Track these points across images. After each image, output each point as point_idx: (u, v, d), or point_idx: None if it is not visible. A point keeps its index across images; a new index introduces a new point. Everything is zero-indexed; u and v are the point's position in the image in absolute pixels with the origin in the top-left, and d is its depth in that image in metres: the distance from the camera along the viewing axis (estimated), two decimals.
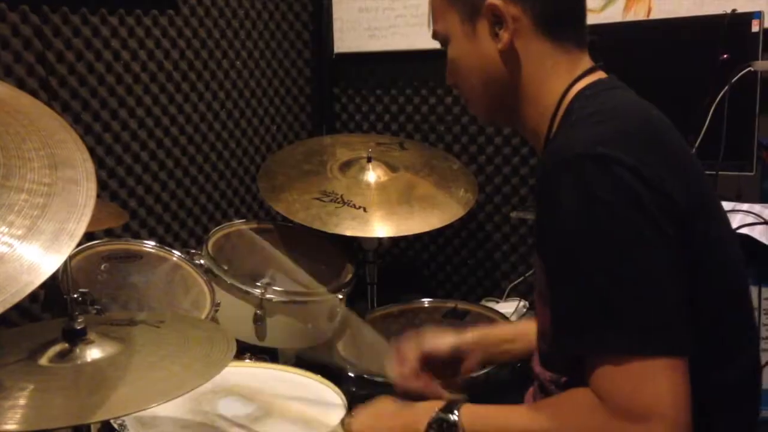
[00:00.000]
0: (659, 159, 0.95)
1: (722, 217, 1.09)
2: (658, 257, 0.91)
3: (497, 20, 1.07)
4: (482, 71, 1.12)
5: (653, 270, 0.91)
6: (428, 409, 1.08)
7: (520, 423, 1.02)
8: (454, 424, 1.04)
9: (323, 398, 1.44)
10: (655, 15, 2.13)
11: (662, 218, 0.91)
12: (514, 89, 1.11)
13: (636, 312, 0.91)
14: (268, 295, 1.96)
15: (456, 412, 1.05)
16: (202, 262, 1.99)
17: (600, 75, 1.11)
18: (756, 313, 1.57)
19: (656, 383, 0.89)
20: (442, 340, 1.37)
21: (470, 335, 1.38)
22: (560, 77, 1.09)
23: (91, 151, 2.19)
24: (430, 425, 1.06)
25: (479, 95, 1.16)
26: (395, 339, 1.42)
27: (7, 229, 0.90)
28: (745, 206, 1.72)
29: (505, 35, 1.07)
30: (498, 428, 1.04)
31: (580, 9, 1.12)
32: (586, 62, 1.11)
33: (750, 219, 1.64)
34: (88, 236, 1.98)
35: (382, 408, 1.19)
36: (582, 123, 1.01)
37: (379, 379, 1.72)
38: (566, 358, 1.05)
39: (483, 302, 2.39)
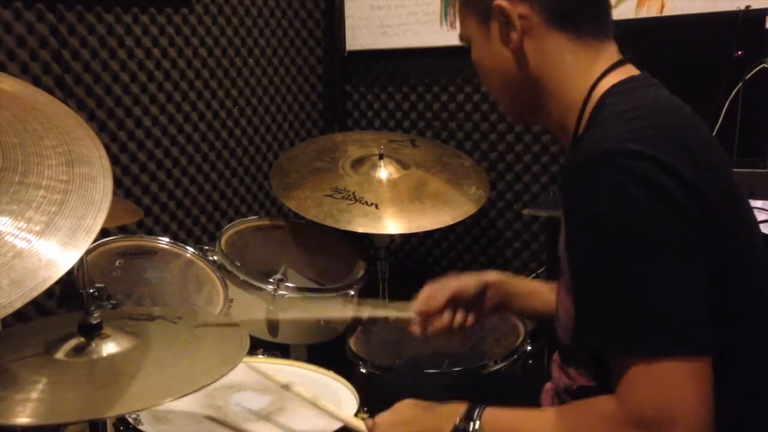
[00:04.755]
0: (691, 157, 0.93)
1: (751, 216, 1.08)
2: (687, 256, 0.90)
3: (507, 21, 1.07)
4: (500, 71, 1.12)
5: (681, 270, 0.90)
6: (451, 415, 1.09)
7: (541, 430, 1.02)
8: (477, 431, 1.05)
9: (335, 393, 1.45)
10: (668, 12, 2.12)
11: (694, 215, 0.90)
12: (534, 87, 1.10)
13: (662, 312, 0.90)
14: (280, 291, 1.97)
15: (478, 418, 1.06)
16: (215, 258, 2.01)
17: (631, 70, 1.09)
18: None
19: (679, 388, 0.89)
20: (469, 279, 1.41)
21: (494, 275, 1.42)
22: (583, 71, 1.07)
23: (106, 149, 2.22)
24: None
25: (502, 94, 1.17)
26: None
27: (25, 224, 0.91)
28: (759, 203, 1.71)
29: (514, 35, 1.07)
30: None
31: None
32: (612, 54, 1.09)
33: (763, 216, 1.64)
34: (103, 233, 2.00)
35: (404, 413, 1.18)
36: (613, 120, 0.99)
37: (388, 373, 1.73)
38: (588, 352, 1.05)
39: None
